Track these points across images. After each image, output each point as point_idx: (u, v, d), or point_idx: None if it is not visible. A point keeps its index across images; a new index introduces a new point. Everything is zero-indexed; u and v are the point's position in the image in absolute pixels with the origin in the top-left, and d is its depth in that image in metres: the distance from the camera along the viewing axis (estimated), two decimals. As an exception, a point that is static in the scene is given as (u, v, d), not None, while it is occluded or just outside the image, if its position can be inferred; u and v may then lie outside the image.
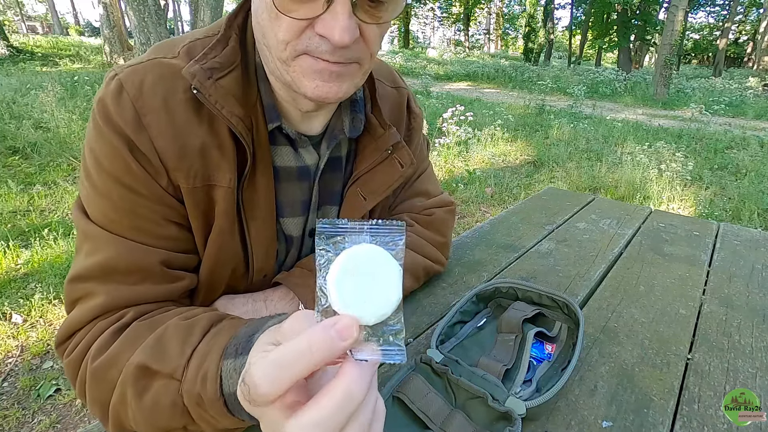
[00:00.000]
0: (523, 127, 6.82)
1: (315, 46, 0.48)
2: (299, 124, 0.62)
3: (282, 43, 0.48)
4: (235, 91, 0.54)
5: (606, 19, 23.43)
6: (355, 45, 0.49)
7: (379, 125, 0.67)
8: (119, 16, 10.25)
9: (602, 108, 9.13)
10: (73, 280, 0.54)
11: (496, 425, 0.55)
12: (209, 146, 0.55)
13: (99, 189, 0.53)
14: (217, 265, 0.60)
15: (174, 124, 0.53)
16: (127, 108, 0.51)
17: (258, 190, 0.59)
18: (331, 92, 0.51)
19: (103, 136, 0.52)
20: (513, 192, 4.12)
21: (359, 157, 0.69)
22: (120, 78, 0.52)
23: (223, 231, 0.58)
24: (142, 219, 0.53)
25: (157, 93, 0.52)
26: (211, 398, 0.39)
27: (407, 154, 0.69)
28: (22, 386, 1.69)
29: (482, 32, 49.65)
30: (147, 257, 0.53)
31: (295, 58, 0.49)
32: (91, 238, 0.53)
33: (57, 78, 7.38)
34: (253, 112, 0.57)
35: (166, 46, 0.58)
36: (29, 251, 2.58)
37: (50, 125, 4.81)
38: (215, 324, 0.47)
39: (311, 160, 0.65)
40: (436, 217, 0.84)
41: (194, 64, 0.52)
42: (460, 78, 15.17)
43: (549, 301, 0.77)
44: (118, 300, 0.52)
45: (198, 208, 0.56)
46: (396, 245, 0.31)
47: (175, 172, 0.53)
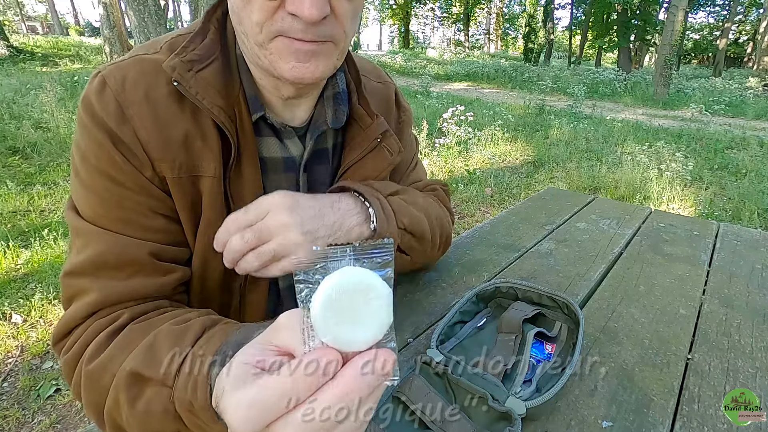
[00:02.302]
0: (523, 127, 6.82)
1: (288, 25, 0.49)
2: (283, 112, 0.63)
3: (257, 25, 0.49)
4: (216, 82, 0.55)
5: (606, 19, 23.43)
6: (328, 21, 0.50)
7: (367, 115, 0.68)
8: (119, 17, 10.25)
9: (602, 108, 9.13)
10: (67, 276, 0.54)
11: (496, 425, 0.55)
12: (193, 137, 0.55)
13: (86, 184, 0.54)
14: (208, 258, 0.59)
15: (157, 116, 0.53)
16: (110, 102, 0.52)
17: (245, 181, 0.60)
18: (307, 72, 0.52)
19: (87, 131, 0.53)
20: (513, 192, 4.12)
21: (348, 148, 0.69)
22: (103, 74, 0.54)
23: (211, 222, 0.58)
24: (130, 212, 0.54)
25: (140, 87, 0.53)
26: (201, 405, 0.39)
27: (395, 142, 0.70)
28: (22, 386, 1.69)
29: (482, 32, 49.66)
30: (136, 250, 0.53)
31: (270, 40, 0.50)
32: (82, 234, 0.54)
33: (57, 78, 7.38)
34: (236, 103, 0.58)
35: (150, 43, 0.59)
36: (29, 251, 2.58)
37: (50, 125, 4.81)
38: (208, 329, 0.47)
39: (297, 152, 0.65)
40: (438, 192, 0.86)
41: (174, 58, 0.54)
42: (460, 78, 15.17)
43: (549, 301, 0.77)
44: (111, 296, 0.52)
45: (185, 199, 0.56)
46: (385, 266, 0.29)
47: (160, 163, 0.54)
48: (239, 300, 0.66)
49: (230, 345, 0.41)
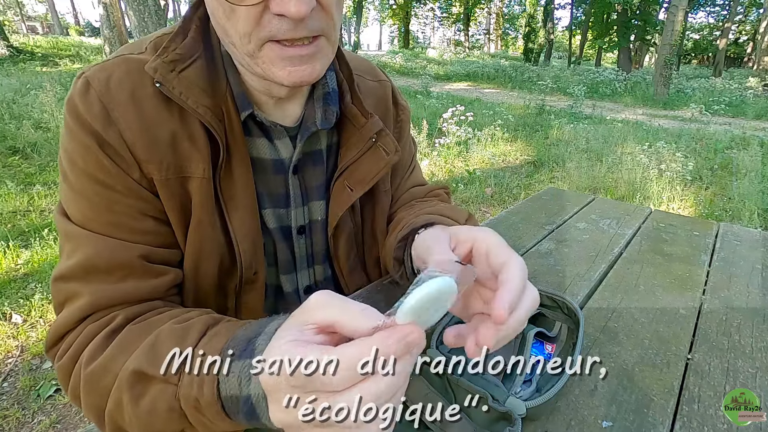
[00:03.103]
0: (523, 127, 6.82)
1: (276, 28, 0.47)
2: (272, 111, 0.62)
3: (245, 36, 0.48)
4: (200, 81, 0.55)
5: (606, 19, 23.43)
6: (316, 15, 0.49)
7: (361, 114, 0.67)
8: (119, 17, 10.23)
9: (602, 108, 9.13)
10: (57, 281, 0.53)
11: (496, 425, 0.55)
12: (180, 137, 0.55)
13: (75, 188, 0.53)
14: (201, 259, 0.59)
15: (143, 117, 0.53)
16: (94, 104, 0.51)
17: (236, 181, 0.59)
18: (305, 74, 0.51)
19: (73, 134, 0.52)
20: (513, 192, 4.12)
21: (343, 148, 0.68)
22: (87, 76, 0.53)
23: (202, 223, 0.57)
24: (118, 214, 0.53)
25: (124, 87, 0.53)
26: (208, 401, 0.39)
27: (391, 141, 0.69)
28: (22, 386, 1.69)
29: (482, 32, 49.65)
30: (126, 253, 0.52)
31: (260, 48, 0.49)
32: (72, 238, 0.53)
33: (57, 78, 7.38)
34: (222, 102, 0.57)
35: (135, 43, 0.58)
36: (29, 251, 2.58)
37: (50, 125, 4.81)
38: (211, 327, 0.46)
39: (286, 153, 0.64)
40: (442, 197, 0.86)
41: (156, 59, 0.53)
42: (460, 78, 15.17)
43: (549, 301, 0.77)
44: (102, 299, 0.51)
45: (173, 200, 0.56)
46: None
47: (147, 164, 0.53)
48: (234, 301, 0.66)
49: (238, 340, 0.40)
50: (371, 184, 0.69)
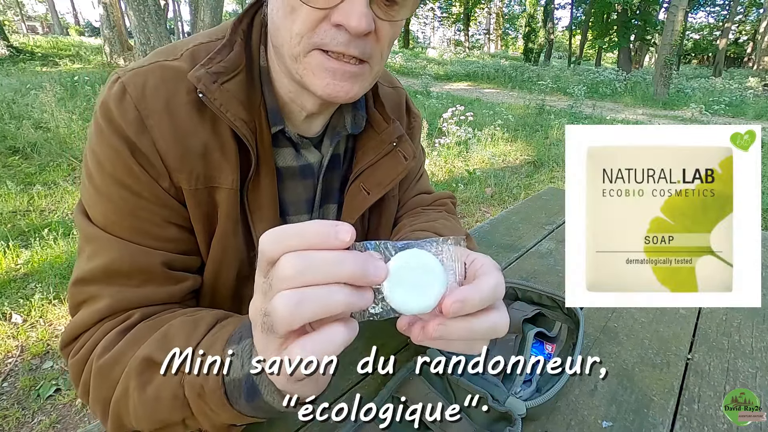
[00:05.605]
0: (523, 127, 6.82)
1: (330, 38, 0.48)
2: (300, 126, 0.63)
3: (297, 36, 0.49)
4: (240, 95, 0.55)
5: (606, 19, 23.45)
6: (370, 40, 0.49)
7: (383, 120, 0.68)
8: (119, 16, 10.25)
9: (602, 108, 9.14)
10: (77, 283, 0.53)
11: (496, 425, 0.55)
12: (211, 148, 0.55)
13: (100, 191, 0.53)
14: (222, 267, 0.60)
15: (176, 126, 0.53)
16: (129, 110, 0.51)
17: (262, 192, 0.60)
18: (342, 91, 0.51)
19: (104, 138, 0.52)
20: (513, 192, 4.13)
21: (360, 152, 0.69)
22: (123, 81, 0.53)
23: (226, 232, 0.58)
24: (143, 221, 0.53)
25: (160, 95, 0.52)
26: (212, 387, 0.39)
27: (410, 147, 0.70)
28: (22, 386, 1.69)
29: (482, 32, 49.68)
30: (148, 259, 0.53)
31: (306, 54, 0.50)
32: (93, 241, 0.53)
33: (57, 78, 7.37)
34: (256, 116, 0.57)
35: (168, 49, 0.58)
36: (29, 251, 2.58)
37: (50, 125, 4.81)
38: (221, 320, 0.47)
39: (314, 158, 0.65)
40: (449, 207, 0.87)
41: (200, 68, 0.53)
42: (460, 78, 15.17)
43: (549, 301, 0.77)
44: (123, 302, 0.52)
45: (200, 209, 0.56)
46: (440, 252, 0.36)
47: (177, 174, 0.53)
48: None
49: (245, 326, 0.41)
50: (389, 187, 0.69)
